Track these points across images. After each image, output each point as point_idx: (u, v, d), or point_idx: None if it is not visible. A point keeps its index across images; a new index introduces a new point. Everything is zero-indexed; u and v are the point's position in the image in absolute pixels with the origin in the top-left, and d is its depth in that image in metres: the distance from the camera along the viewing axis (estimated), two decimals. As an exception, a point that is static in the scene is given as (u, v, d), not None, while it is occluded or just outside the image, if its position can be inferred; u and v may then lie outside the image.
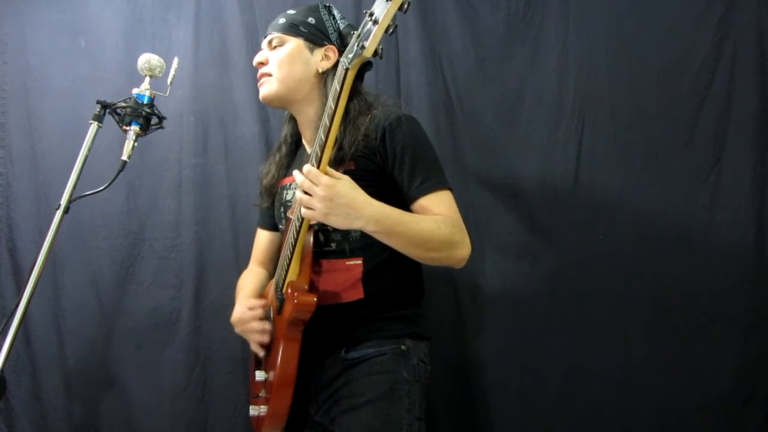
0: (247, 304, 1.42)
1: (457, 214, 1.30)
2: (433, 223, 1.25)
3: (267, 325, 1.36)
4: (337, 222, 1.17)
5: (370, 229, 1.19)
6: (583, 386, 1.72)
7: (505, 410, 1.76)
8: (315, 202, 1.15)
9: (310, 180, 1.15)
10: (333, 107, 1.14)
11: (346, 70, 1.11)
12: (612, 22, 1.78)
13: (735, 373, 1.65)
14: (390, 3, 0.99)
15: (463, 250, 1.29)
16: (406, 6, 1.00)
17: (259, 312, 1.40)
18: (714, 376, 1.66)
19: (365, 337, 1.31)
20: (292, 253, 1.30)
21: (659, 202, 1.73)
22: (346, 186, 1.16)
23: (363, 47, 1.05)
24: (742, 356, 1.65)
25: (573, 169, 1.77)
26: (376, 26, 1.02)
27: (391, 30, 1.03)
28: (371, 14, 1.03)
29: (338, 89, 1.12)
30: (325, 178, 1.14)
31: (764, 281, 1.66)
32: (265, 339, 1.36)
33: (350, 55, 1.09)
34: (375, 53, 1.06)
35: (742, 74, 1.70)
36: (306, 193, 1.16)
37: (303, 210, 1.18)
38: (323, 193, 1.13)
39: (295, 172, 1.19)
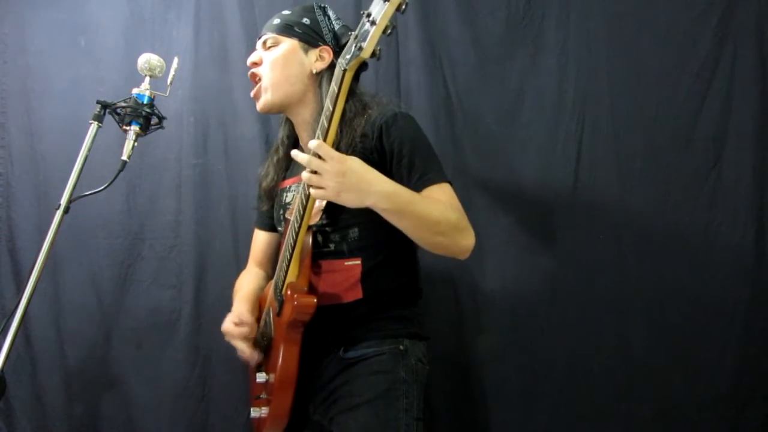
0: (237, 315, 1.42)
1: (459, 204, 1.28)
2: (443, 206, 1.23)
3: (247, 351, 1.38)
4: (349, 199, 1.14)
5: (382, 206, 1.16)
6: (582, 386, 1.72)
7: (504, 410, 1.76)
8: (326, 180, 1.11)
9: (320, 156, 1.11)
10: (331, 109, 1.13)
11: (344, 71, 1.10)
12: (612, 22, 1.78)
13: (735, 373, 1.65)
14: (387, 4, 0.98)
15: (468, 239, 1.26)
16: (403, 7, 0.99)
17: (245, 330, 1.39)
18: (714, 376, 1.66)
19: (363, 337, 1.31)
20: (291, 255, 1.30)
21: (659, 202, 1.73)
22: (357, 162, 1.14)
23: (361, 48, 1.04)
24: (742, 356, 1.65)
25: (573, 169, 1.77)
26: (374, 27, 1.01)
27: (389, 31, 1.02)
28: (368, 15, 1.01)
29: (336, 91, 1.11)
30: (335, 153, 1.10)
31: (764, 281, 1.66)
32: (250, 360, 1.39)
33: (348, 56, 1.08)
34: (373, 54, 1.05)
35: (742, 74, 1.70)
36: (314, 172, 1.12)
37: (312, 190, 1.14)
38: (335, 168, 1.10)
39: (294, 152, 1.15)
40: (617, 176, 1.75)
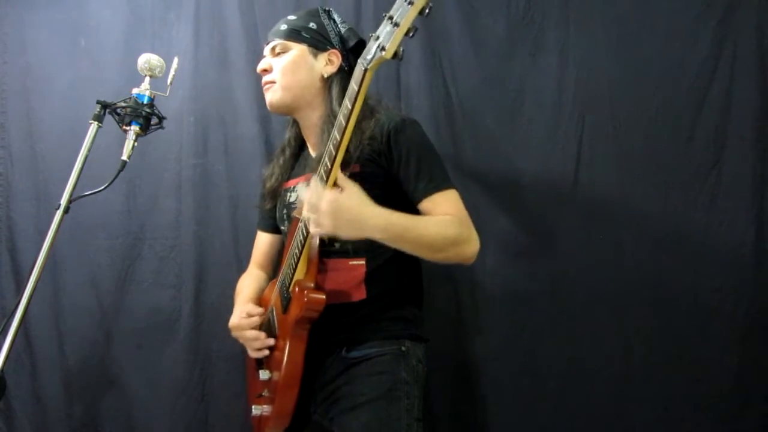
0: (245, 310, 1.43)
1: (464, 211, 1.32)
2: (441, 224, 1.27)
3: (262, 336, 1.38)
4: (345, 233, 1.18)
5: (378, 237, 1.20)
6: (582, 386, 1.72)
7: (504, 410, 1.76)
8: (321, 219, 1.15)
9: (313, 200, 1.15)
10: (349, 107, 1.14)
11: (365, 70, 1.11)
12: (612, 22, 1.78)
13: (735, 373, 1.65)
14: (411, 7, 1.00)
15: (471, 246, 1.31)
16: (427, 11, 1.01)
17: (256, 320, 1.41)
18: (714, 376, 1.66)
19: (366, 337, 1.32)
20: (300, 252, 1.31)
21: (659, 202, 1.72)
22: (349, 199, 1.16)
23: (383, 49, 1.05)
24: (742, 356, 1.65)
25: (573, 169, 1.77)
26: (397, 29, 1.03)
27: (411, 33, 1.04)
28: (390, 17, 1.03)
29: (356, 89, 1.13)
30: (327, 194, 1.14)
31: (764, 281, 1.66)
32: (262, 352, 1.38)
33: (368, 57, 1.09)
34: (395, 55, 1.07)
35: (742, 74, 1.69)
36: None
37: (312, 227, 1.19)
38: (327, 209, 1.13)
39: (300, 187, 1.19)
40: (617, 176, 1.75)
